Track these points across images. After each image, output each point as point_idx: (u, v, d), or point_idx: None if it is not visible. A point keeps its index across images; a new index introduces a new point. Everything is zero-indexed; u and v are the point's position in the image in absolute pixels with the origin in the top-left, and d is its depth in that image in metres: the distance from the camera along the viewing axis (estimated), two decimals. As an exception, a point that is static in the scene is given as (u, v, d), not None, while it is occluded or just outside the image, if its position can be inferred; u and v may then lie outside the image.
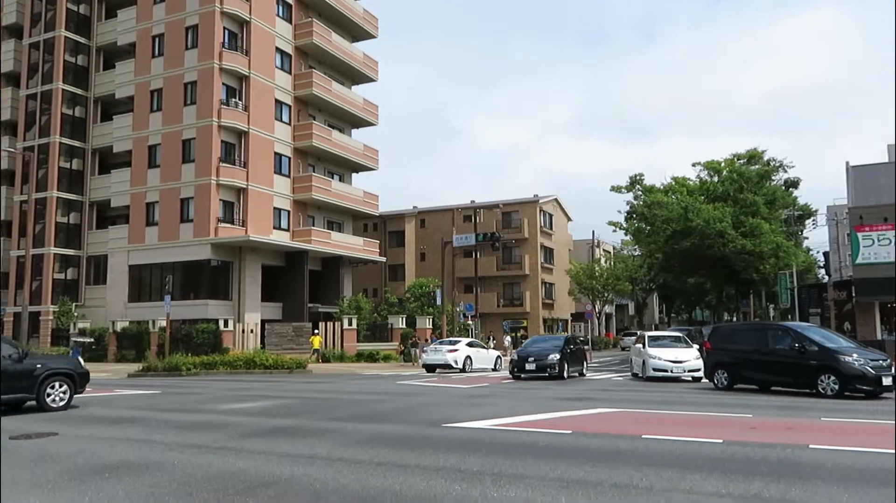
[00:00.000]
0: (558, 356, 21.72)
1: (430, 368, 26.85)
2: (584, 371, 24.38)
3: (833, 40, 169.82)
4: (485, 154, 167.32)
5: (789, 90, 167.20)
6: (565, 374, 21.70)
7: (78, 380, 13.70)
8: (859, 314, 30.53)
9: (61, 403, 13.15)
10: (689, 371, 20.45)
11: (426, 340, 34.36)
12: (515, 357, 22.75)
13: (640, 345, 22.39)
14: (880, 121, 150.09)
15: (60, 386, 13.29)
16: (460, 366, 26.63)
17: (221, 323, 34.09)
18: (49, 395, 13.07)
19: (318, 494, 5.99)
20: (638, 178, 44.00)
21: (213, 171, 37.17)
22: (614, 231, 49.09)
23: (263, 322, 37.51)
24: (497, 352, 30.72)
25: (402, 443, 8.93)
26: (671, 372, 20.61)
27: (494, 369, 28.19)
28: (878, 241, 29.27)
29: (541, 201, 58.09)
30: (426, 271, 53.28)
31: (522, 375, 21.91)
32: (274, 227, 40.18)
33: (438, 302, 37.19)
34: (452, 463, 7.29)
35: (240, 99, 38.85)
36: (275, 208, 40.52)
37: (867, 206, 30.88)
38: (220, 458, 7.78)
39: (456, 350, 27.18)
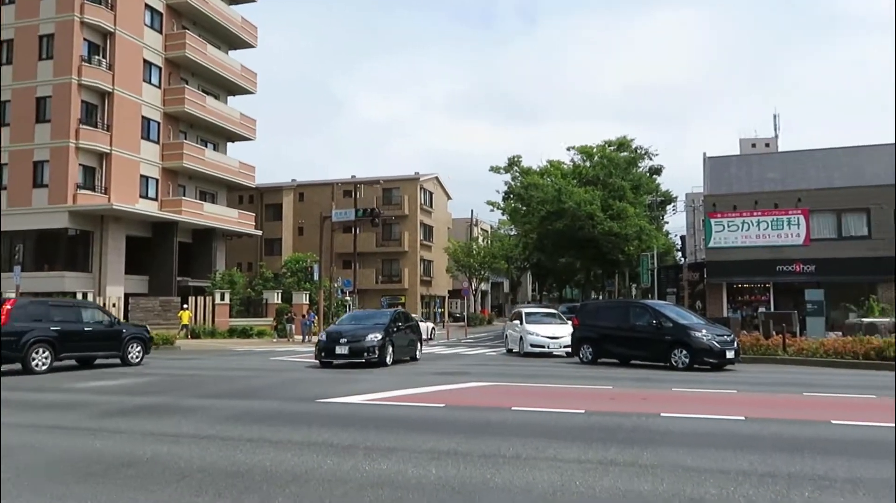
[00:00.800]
0: (379, 337, 16.82)
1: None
2: (418, 354, 19.80)
3: (695, 37, 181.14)
4: (367, 128, 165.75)
5: (656, 82, 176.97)
6: (388, 360, 16.99)
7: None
8: (709, 293, 33.16)
9: None
10: (564, 347, 21.06)
11: (303, 316, 33.83)
12: (324, 337, 17.42)
13: (518, 322, 22.97)
14: (735, 115, 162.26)
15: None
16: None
17: (80, 296, 31.86)
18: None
19: (183, 472, 5.79)
20: (516, 159, 45.21)
21: (72, 133, 34.42)
22: (492, 211, 50.33)
23: (127, 296, 35.43)
24: (431, 324, 31.67)
25: (273, 419, 8.79)
26: (548, 347, 21.32)
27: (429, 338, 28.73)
28: (728, 227, 31.84)
29: (422, 179, 58.41)
30: (304, 246, 52.27)
31: (333, 362, 16.75)
32: (141, 196, 37.89)
33: (316, 277, 36.66)
34: (325, 437, 7.27)
35: (104, 57, 36.10)
36: (142, 176, 38.18)
37: (720, 195, 33.46)
38: (77, 439, 7.33)
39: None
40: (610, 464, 6.05)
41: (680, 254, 55.14)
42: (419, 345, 20.38)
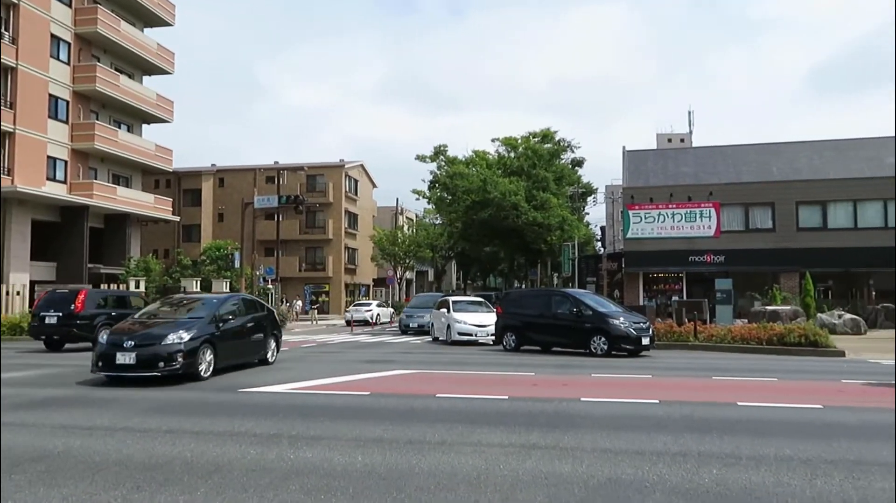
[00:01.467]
0: (187, 337, 11.17)
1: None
2: (271, 356, 14.17)
3: (618, 33, 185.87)
4: (291, 114, 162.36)
5: (580, 76, 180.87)
6: (205, 369, 11.45)
7: None
8: (627, 282, 34.34)
9: None
10: (492, 335, 21.25)
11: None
12: (104, 338, 11.40)
13: (445, 310, 23.04)
14: (652, 110, 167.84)
15: None
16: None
17: (-21, 284, 29.98)
18: None
19: (98, 466, 5.59)
20: (442, 148, 45.30)
21: (-29, 109, 32.19)
22: (417, 199, 50.24)
23: (33, 283, 33.57)
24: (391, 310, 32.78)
25: (193, 409, 8.58)
26: (475, 335, 21.50)
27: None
28: (645, 218, 33.02)
29: (346, 166, 57.78)
30: (224, 233, 50.88)
31: (116, 375, 10.92)
32: (48, 178, 35.87)
33: (237, 265, 35.76)
34: (248, 427, 7.16)
35: (6, 29, 33.89)
36: (49, 157, 36.11)
37: (638, 187, 34.63)
38: (-22, 434, 6.94)
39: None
40: (532, 448, 6.23)
41: (600, 244, 56.71)
42: (273, 343, 14.35)
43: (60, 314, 18.63)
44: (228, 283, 36.29)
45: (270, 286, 39.66)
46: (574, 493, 4.83)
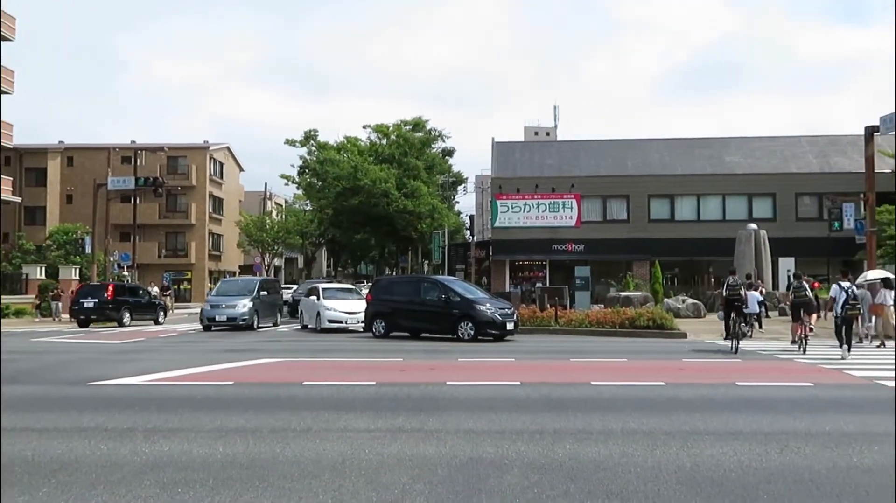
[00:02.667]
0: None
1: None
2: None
3: (491, 25, 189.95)
4: (152, 92, 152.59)
5: (453, 66, 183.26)
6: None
7: None
8: (494, 269, 35.45)
9: None
10: (361, 322, 21.23)
11: (72, 293, 30.62)
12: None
13: (314, 298, 22.76)
14: (521, 103, 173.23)
15: None
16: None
17: None
18: None
19: (-79, 470, 5.07)
20: (312, 133, 44.55)
21: None
22: (287, 184, 49.14)
23: None
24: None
25: (37, 405, 7.97)
26: (346, 323, 21.38)
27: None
28: (512, 208, 34.17)
29: (211, 148, 55.26)
30: (74, 216, 47.15)
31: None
32: None
33: (88, 250, 33.33)
34: (99, 422, 6.76)
35: None
36: None
37: (506, 178, 35.74)
38: None
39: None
40: (398, 432, 6.33)
41: (469, 232, 58.03)
42: None
43: (97, 300, 24.72)
44: (79, 271, 33.76)
45: (126, 273, 37.34)
46: (437, 473, 4.98)
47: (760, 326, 18.84)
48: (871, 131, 19.01)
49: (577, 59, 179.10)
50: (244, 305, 21.95)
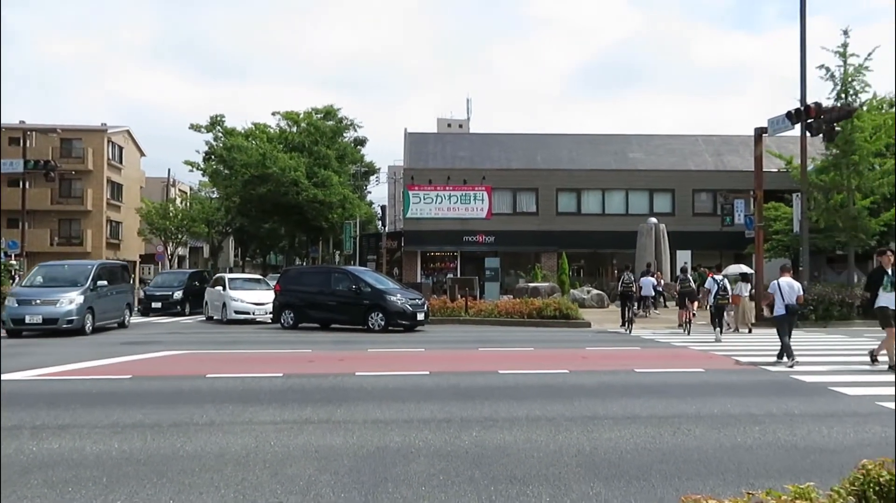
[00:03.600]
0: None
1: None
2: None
3: (403, 17, 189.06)
4: (43, 69, 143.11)
5: (367, 54, 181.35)
6: None
7: None
8: (406, 260, 35.47)
9: None
10: (270, 313, 20.81)
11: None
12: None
13: (220, 288, 22.15)
14: (435, 95, 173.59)
15: None
16: None
17: None
18: None
19: None
20: (219, 118, 43.04)
21: None
22: (191, 171, 47.34)
23: None
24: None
25: None
26: (253, 314, 20.90)
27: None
28: (424, 199, 34.26)
29: (110, 131, 52.44)
30: (-47, 200, 43.72)
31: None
32: None
33: (-30, 237, 30.96)
34: (-20, 420, 6.33)
35: None
36: None
37: (418, 169, 35.77)
38: None
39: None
40: (305, 423, 6.26)
41: (381, 223, 57.77)
42: None
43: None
44: (-42, 259, 31.29)
45: (14, 262, 34.97)
46: (343, 463, 4.96)
47: (655, 308, 20.43)
48: (759, 132, 20.18)
49: (490, 53, 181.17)
50: (71, 301, 16.28)
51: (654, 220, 28.42)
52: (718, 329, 15.11)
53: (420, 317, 17.57)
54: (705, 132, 42.27)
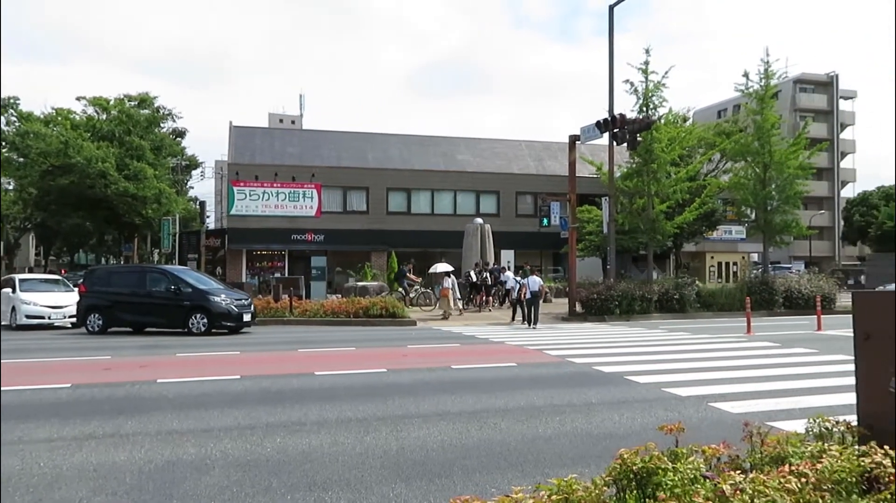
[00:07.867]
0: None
1: None
2: None
3: (231, 7, 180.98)
4: None
5: (194, 44, 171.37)
6: None
7: None
8: (230, 259, 33.87)
9: None
10: (70, 317, 18.92)
11: None
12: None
13: (9, 290, 19.78)
14: (266, 90, 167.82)
15: None
16: None
17: None
18: None
19: None
20: (12, 101, 38.47)
21: None
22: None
23: None
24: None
25: None
26: (49, 318, 18.90)
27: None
28: (250, 195, 32.85)
29: None
30: None
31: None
32: None
33: None
34: None
35: None
36: None
37: (244, 164, 34.29)
38: None
39: None
40: (86, 439, 5.65)
41: (200, 219, 54.81)
42: None
43: None
44: None
45: None
46: (125, 482, 4.51)
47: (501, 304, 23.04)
48: (573, 140, 21.52)
49: (323, 48, 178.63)
50: None
51: (479, 220, 29.36)
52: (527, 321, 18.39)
53: (246, 318, 16.81)
54: (529, 138, 44.52)
